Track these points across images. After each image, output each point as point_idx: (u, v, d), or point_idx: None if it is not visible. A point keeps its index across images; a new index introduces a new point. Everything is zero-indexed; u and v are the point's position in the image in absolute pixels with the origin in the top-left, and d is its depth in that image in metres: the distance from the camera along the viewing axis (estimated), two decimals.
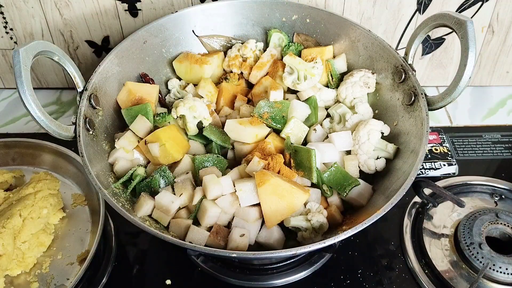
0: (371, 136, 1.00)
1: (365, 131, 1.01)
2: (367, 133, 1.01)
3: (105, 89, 1.05)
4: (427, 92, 0.99)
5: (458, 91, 0.91)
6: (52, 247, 1.08)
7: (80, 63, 1.33)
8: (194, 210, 0.94)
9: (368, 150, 1.01)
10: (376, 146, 1.01)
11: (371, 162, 1.01)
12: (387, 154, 1.03)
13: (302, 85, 1.10)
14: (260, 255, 0.83)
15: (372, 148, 1.01)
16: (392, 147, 1.02)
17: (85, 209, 1.16)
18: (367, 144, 1.00)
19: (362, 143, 1.01)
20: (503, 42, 1.35)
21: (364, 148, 1.01)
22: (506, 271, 0.99)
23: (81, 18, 1.23)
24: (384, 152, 1.03)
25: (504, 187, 1.19)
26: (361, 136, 1.01)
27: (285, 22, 1.20)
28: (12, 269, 1.02)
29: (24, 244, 1.05)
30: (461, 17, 0.90)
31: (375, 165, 1.02)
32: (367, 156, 1.01)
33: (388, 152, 1.02)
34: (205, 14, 1.19)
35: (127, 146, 1.02)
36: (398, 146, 1.02)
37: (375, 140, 1.01)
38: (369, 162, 1.01)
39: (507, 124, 1.39)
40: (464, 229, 1.06)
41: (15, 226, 1.05)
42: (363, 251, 1.09)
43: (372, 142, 1.00)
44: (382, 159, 1.02)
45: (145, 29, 1.12)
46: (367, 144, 1.00)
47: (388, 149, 1.02)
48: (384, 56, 1.07)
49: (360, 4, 1.26)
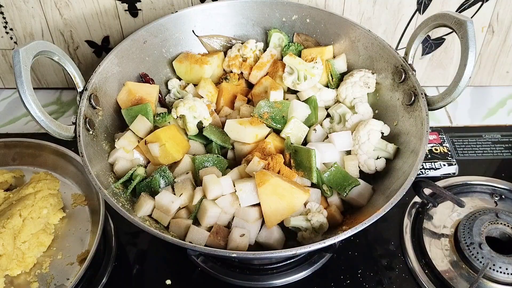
0: (371, 136, 1.00)
1: (365, 131, 1.01)
2: (367, 133, 1.01)
3: (105, 89, 1.05)
4: (427, 92, 0.99)
5: (458, 91, 0.91)
6: (52, 247, 1.08)
7: (80, 63, 1.33)
8: (194, 210, 0.94)
9: (368, 150, 1.01)
10: (376, 146, 1.01)
11: (371, 162, 1.01)
12: (387, 154, 1.03)
13: (302, 85, 1.10)
14: (260, 255, 0.83)
15: (372, 148, 1.01)
16: (392, 147, 1.02)
17: (85, 209, 1.16)
18: (367, 144, 1.00)
19: (362, 143, 1.01)
20: (503, 42, 1.35)
21: (364, 148, 1.01)
22: (506, 271, 0.99)
23: (81, 18, 1.23)
24: (384, 152, 1.03)
25: (504, 187, 1.19)
26: (361, 136, 1.01)
27: (285, 22, 1.20)
28: (12, 269, 1.02)
29: (24, 244, 1.05)
30: (461, 17, 0.90)
31: (375, 165, 1.02)
32: (367, 156, 1.01)
33: (388, 152, 1.02)
34: (205, 14, 1.19)
35: (127, 146, 1.02)
36: (398, 146, 1.02)
37: (375, 140, 1.01)
38: (369, 162, 1.01)
39: (507, 124, 1.39)
40: (464, 229, 1.06)
41: (15, 226, 1.05)
42: (363, 251, 1.09)
43: (372, 142, 1.00)
44: (382, 159, 1.02)
45: (145, 29, 1.12)
46: (367, 144, 1.00)
47: (388, 149, 1.02)
48: (384, 56, 1.07)
49: (360, 4, 1.26)
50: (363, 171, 1.03)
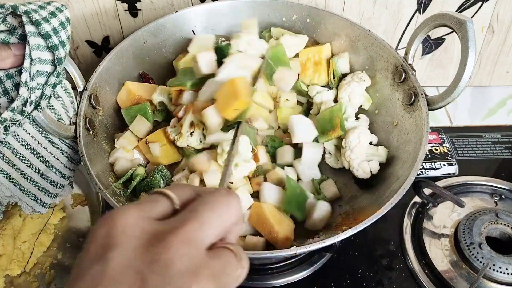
0: (361, 138, 1.00)
1: (355, 135, 1.00)
2: (357, 137, 1.00)
3: (105, 89, 1.05)
4: (427, 92, 0.99)
5: (458, 91, 0.91)
6: (52, 247, 1.08)
7: (80, 63, 1.33)
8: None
9: (361, 152, 1.00)
10: (367, 152, 1.01)
11: (365, 165, 1.00)
12: (379, 158, 1.02)
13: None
14: (260, 255, 0.83)
15: (365, 149, 1.00)
16: (383, 150, 1.02)
17: (85, 209, 1.16)
18: (358, 147, 1.00)
19: (353, 147, 1.00)
20: (503, 42, 1.35)
21: (356, 152, 1.00)
22: (506, 271, 0.99)
23: (81, 18, 1.23)
24: (376, 156, 1.02)
25: (504, 187, 1.19)
26: (352, 141, 1.00)
27: (285, 22, 1.20)
28: (12, 269, 1.02)
29: (24, 244, 1.05)
30: (461, 17, 0.90)
31: (369, 167, 1.00)
32: (361, 159, 1.00)
33: (380, 155, 1.02)
34: (205, 14, 1.19)
35: (127, 145, 1.02)
36: (388, 149, 1.02)
37: (366, 143, 1.00)
38: (363, 165, 1.00)
39: (507, 124, 1.39)
40: (464, 229, 1.06)
41: (15, 226, 1.05)
42: (363, 251, 1.09)
43: (363, 144, 1.00)
44: (375, 161, 1.01)
45: (145, 29, 1.12)
46: (358, 147, 1.00)
47: (380, 153, 1.02)
48: (384, 56, 1.07)
49: (360, 4, 1.26)
50: (357, 176, 1.02)
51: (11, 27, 0.82)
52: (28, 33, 0.79)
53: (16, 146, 0.85)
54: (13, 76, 0.81)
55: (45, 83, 0.82)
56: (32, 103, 0.80)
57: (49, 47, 0.81)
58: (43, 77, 0.81)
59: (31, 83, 0.79)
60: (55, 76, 0.84)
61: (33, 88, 0.79)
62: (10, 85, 0.82)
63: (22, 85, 0.78)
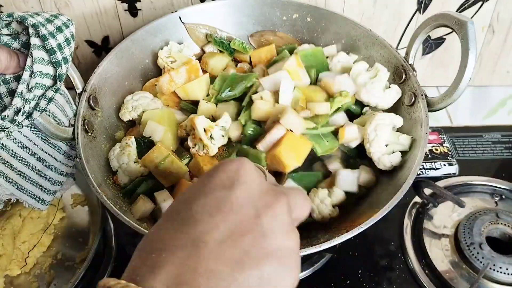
0: (379, 131, 0.94)
1: (371, 128, 0.95)
2: (374, 129, 0.95)
3: (105, 90, 1.04)
4: (428, 92, 0.98)
5: (458, 92, 0.91)
6: (52, 247, 1.08)
7: (80, 63, 1.33)
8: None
9: (380, 146, 0.94)
10: (388, 140, 0.95)
11: (385, 159, 0.95)
12: (401, 147, 0.96)
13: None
14: None
15: (384, 143, 0.95)
16: (406, 138, 0.96)
17: (85, 209, 1.16)
18: (376, 141, 0.94)
19: (372, 140, 0.95)
20: (503, 42, 1.35)
21: (375, 145, 0.94)
22: (507, 271, 0.99)
23: (81, 18, 1.23)
24: (398, 145, 0.96)
25: (504, 187, 1.19)
26: (369, 134, 0.95)
27: (286, 21, 1.20)
28: (12, 269, 1.02)
29: (24, 244, 1.05)
30: (461, 17, 0.89)
31: (389, 161, 0.95)
32: (381, 153, 0.95)
33: (403, 144, 0.96)
34: (205, 13, 1.18)
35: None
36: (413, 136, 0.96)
37: (385, 135, 0.95)
38: (383, 159, 0.95)
39: (507, 124, 1.39)
40: (465, 229, 1.06)
41: (15, 226, 1.06)
42: (363, 251, 1.09)
43: (381, 137, 0.94)
44: (397, 153, 0.95)
45: (145, 29, 1.12)
46: (376, 140, 0.94)
47: (402, 141, 0.96)
48: (385, 56, 1.07)
49: (360, 4, 1.26)
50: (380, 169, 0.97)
51: (14, 32, 0.82)
52: (33, 45, 0.78)
53: (12, 147, 0.84)
54: (9, 82, 0.80)
55: (41, 95, 0.81)
56: (25, 113, 0.79)
57: (53, 62, 0.80)
58: (41, 90, 0.80)
59: (27, 95, 0.78)
60: (53, 91, 0.82)
61: (28, 100, 0.78)
62: (4, 91, 0.80)
63: (17, 95, 0.77)
